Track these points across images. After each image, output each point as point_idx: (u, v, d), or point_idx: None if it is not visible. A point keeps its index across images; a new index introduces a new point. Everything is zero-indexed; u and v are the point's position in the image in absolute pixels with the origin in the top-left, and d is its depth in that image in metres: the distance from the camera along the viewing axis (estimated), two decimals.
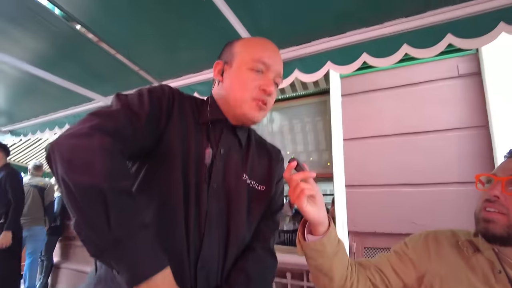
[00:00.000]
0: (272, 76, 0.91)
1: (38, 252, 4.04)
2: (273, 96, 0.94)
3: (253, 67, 0.88)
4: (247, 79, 0.88)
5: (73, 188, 0.60)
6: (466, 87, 2.07)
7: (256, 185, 0.95)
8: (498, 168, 0.89)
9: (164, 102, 0.82)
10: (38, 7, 1.57)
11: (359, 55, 1.54)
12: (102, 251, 0.60)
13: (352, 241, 2.26)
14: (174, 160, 0.80)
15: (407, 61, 2.22)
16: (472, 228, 0.95)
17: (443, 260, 0.91)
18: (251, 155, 0.97)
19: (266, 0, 1.43)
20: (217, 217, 0.84)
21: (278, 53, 0.96)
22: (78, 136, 0.65)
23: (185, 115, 0.86)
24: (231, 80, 0.90)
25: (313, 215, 0.82)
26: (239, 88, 0.88)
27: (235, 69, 0.90)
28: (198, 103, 0.94)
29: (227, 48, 0.96)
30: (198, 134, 0.87)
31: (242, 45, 0.93)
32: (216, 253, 0.82)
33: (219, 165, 0.87)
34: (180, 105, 0.86)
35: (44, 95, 2.54)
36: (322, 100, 2.90)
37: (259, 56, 0.89)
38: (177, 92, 0.88)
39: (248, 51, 0.90)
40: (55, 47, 1.91)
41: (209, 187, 0.83)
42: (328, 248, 0.85)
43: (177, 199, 0.78)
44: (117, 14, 1.61)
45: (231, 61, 0.91)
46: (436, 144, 2.09)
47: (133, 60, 2.04)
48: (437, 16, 1.35)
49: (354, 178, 2.33)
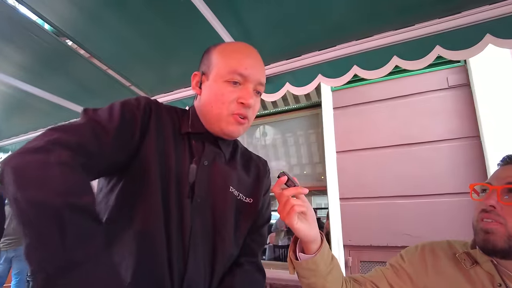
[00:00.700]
0: (251, 87, 0.84)
1: (24, 273, 3.93)
2: (255, 107, 0.87)
3: (230, 79, 0.82)
4: (223, 92, 0.82)
5: (26, 206, 0.53)
6: (456, 98, 2.09)
7: (244, 197, 0.90)
8: (492, 176, 0.87)
9: (138, 115, 0.77)
10: (27, 22, 1.56)
11: (349, 67, 1.55)
12: (55, 279, 0.51)
13: (348, 255, 2.22)
14: (152, 176, 0.75)
15: (397, 73, 2.25)
16: (468, 239, 0.94)
17: (441, 274, 0.88)
18: (237, 167, 0.93)
19: (257, 15, 1.44)
20: (202, 233, 0.79)
21: (258, 60, 0.89)
22: (34, 151, 0.59)
23: (164, 127, 0.82)
24: (208, 94, 0.85)
25: (305, 233, 0.78)
26: (215, 102, 0.82)
27: (212, 82, 0.84)
28: (179, 114, 0.90)
29: (205, 56, 0.90)
30: (179, 147, 0.83)
31: (219, 53, 0.86)
32: (202, 273, 0.78)
33: (202, 178, 0.82)
34: (158, 117, 0.82)
35: (34, 111, 2.50)
36: (314, 113, 2.91)
37: (235, 67, 0.82)
38: (154, 104, 0.83)
39: (224, 61, 0.84)
40: (44, 62, 1.89)
41: (192, 202, 0.79)
42: (321, 267, 0.82)
43: (156, 217, 0.73)
44: (108, 29, 1.61)
45: (208, 73, 0.86)
46: (429, 156, 2.10)
47: (125, 75, 2.03)
48: (425, 29, 1.37)
49: (348, 191, 2.32)
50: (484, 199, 0.84)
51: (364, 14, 1.39)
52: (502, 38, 1.25)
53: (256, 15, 1.45)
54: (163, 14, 1.47)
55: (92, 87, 2.19)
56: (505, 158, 0.88)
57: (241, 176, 0.93)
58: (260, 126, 3.24)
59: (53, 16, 1.50)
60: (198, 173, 0.82)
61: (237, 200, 0.89)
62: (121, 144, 0.73)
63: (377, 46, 1.48)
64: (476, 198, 0.89)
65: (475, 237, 0.86)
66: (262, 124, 3.23)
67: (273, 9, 1.40)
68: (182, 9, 1.38)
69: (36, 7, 1.46)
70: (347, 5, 1.34)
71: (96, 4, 1.46)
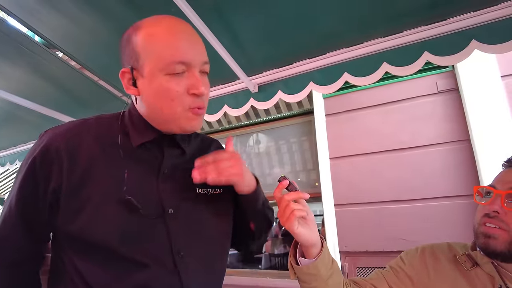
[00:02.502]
0: (197, 71, 0.71)
1: None
2: (207, 94, 0.75)
3: (172, 72, 0.68)
4: (168, 88, 0.68)
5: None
6: (445, 103, 2.13)
7: (213, 190, 0.82)
8: (497, 179, 0.86)
9: (47, 171, 0.68)
10: (17, 34, 1.55)
11: (340, 75, 1.57)
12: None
13: (344, 262, 2.22)
14: (105, 207, 0.68)
15: (387, 79, 2.28)
16: (463, 241, 0.94)
17: (442, 276, 0.88)
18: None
19: (248, 24, 1.46)
20: (186, 242, 0.73)
21: (194, 36, 0.74)
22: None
23: (104, 153, 0.72)
24: (149, 94, 0.71)
25: (305, 237, 0.77)
26: (164, 102, 0.69)
27: (149, 79, 0.69)
28: (119, 125, 0.77)
29: (126, 47, 0.73)
30: (132, 162, 0.73)
31: (146, 42, 0.69)
32: (202, 275, 0.75)
33: (166, 188, 0.75)
34: (85, 153, 0.70)
35: (23, 123, 2.47)
36: (306, 120, 2.92)
37: (173, 56, 0.68)
38: (67, 140, 0.70)
39: (158, 52, 0.68)
40: (34, 74, 1.88)
41: (165, 215, 0.72)
42: (322, 271, 0.81)
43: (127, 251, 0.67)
44: (99, 40, 1.61)
45: (139, 67, 0.70)
46: (421, 160, 2.12)
47: (116, 86, 2.02)
48: (414, 35, 1.40)
49: (342, 197, 2.32)
50: (487, 204, 0.83)
51: (353, 22, 1.41)
52: (487, 44, 1.29)
53: (247, 24, 1.46)
54: None
55: (84, 98, 2.18)
56: (510, 160, 0.87)
57: None
58: (253, 134, 3.24)
59: (43, 28, 1.50)
60: (161, 184, 0.74)
61: (208, 197, 0.81)
62: (44, 206, 0.69)
63: (367, 53, 1.51)
64: (479, 201, 0.88)
65: (476, 240, 0.86)
66: (255, 132, 3.23)
67: (263, 18, 1.42)
68: None
69: (26, 19, 1.46)
70: (337, 13, 1.37)
71: (86, 15, 1.46)
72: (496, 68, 1.97)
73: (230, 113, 1.90)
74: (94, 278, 0.66)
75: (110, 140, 0.74)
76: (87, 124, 0.76)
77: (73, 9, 1.42)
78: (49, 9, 1.42)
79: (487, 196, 0.86)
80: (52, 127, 0.75)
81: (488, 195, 0.86)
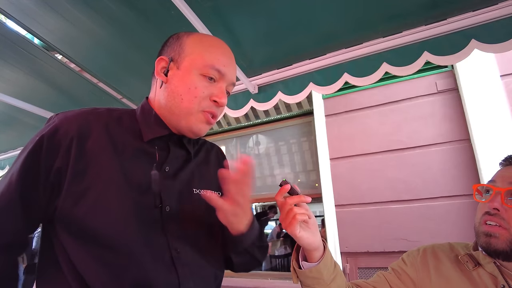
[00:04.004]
0: (224, 86, 0.79)
1: None
2: (223, 107, 0.82)
3: (206, 74, 0.76)
4: (197, 86, 0.75)
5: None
6: (445, 102, 2.13)
7: (211, 192, 0.84)
8: (496, 176, 0.86)
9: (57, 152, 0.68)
10: (16, 37, 1.55)
11: (340, 75, 1.57)
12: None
13: (345, 262, 2.21)
14: (106, 196, 0.68)
15: (387, 79, 2.28)
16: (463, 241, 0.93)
17: (444, 276, 0.88)
18: (201, 164, 0.88)
19: (248, 25, 1.45)
20: (181, 241, 0.74)
21: (233, 60, 0.84)
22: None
23: (111, 143, 0.73)
24: (177, 84, 0.76)
25: (307, 241, 0.77)
26: (187, 95, 0.75)
27: (184, 72, 0.76)
28: (135, 118, 0.81)
29: (174, 42, 0.81)
30: (139, 156, 0.75)
31: (195, 44, 0.79)
32: (201, 275, 0.75)
33: (167, 184, 0.76)
34: (90, 137, 0.71)
35: (22, 126, 2.46)
36: (306, 121, 2.92)
37: (214, 62, 0.76)
38: (78, 125, 0.71)
39: (202, 54, 0.77)
40: (33, 77, 1.87)
41: (162, 212, 0.73)
42: (324, 275, 0.81)
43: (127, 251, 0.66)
44: (98, 42, 1.60)
45: (179, 61, 0.78)
46: (422, 160, 2.12)
47: (116, 88, 2.02)
48: (413, 35, 1.40)
49: (343, 197, 2.32)
50: (487, 201, 0.83)
51: (353, 22, 1.41)
52: (486, 43, 1.29)
53: (246, 25, 1.46)
54: (153, 25, 1.47)
55: (83, 100, 2.17)
56: (507, 158, 0.87)
57: (204, 171, 0.88)
58: (253, 135, 3.24)
59: (42, 30, 1.50)
60: (162, 181, 0.75)
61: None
62: (47, 189, 0.68)
63: (366, 54, 1.51)
64: (479, 200, 0.87)
65: (477, 239, 0.86)
66: (255, 133, 3.23)
67: (263, 19, 1.42)
68: (173, 21, 1.39)
69: (25, 22, 1.45)
70: (336, 14, 1.36)
71: (85, 17, 1.46)
72: (496, 67, 1.98)
73: (230, 114, 1.89)
74: (88, 271, 0.65)
75: (119, 131, 0.76)
76: (98, 112, 0.77)
77: (72, 12, 1.42)
78: (48, 11, 1.42)
79: (486, 194, 0.86)
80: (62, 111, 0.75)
81: (487, 193, 0.85)
